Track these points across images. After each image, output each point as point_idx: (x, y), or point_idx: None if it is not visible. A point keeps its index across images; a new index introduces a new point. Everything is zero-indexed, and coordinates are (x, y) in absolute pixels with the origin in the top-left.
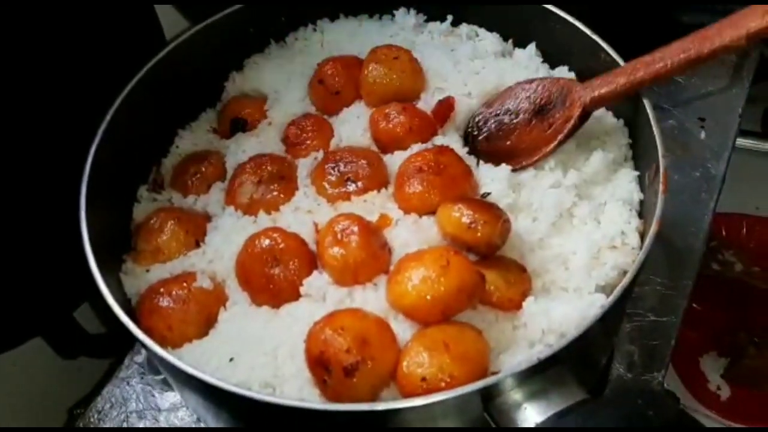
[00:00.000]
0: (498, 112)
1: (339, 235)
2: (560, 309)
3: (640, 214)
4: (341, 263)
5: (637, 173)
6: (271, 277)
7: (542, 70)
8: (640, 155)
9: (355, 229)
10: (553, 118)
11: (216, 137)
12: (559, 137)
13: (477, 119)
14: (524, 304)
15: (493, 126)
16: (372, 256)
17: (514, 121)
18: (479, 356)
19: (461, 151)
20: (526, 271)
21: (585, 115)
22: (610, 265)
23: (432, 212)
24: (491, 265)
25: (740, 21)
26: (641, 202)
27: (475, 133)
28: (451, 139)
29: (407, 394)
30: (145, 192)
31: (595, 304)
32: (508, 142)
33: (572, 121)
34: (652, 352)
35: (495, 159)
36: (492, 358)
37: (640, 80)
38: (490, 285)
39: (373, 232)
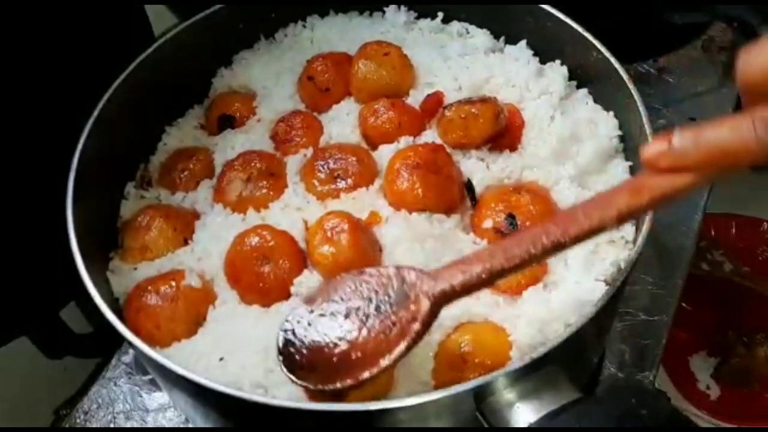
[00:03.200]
0: (322, 312)
1: (329, 234)
2: (560, 296)
3: None
4: (331, 262)
5: (629, 163)
6: (261, 275)
7: (533, 64)
8: (630, 156)
9: (345, 227)
10: (396, 317)
11: (204, 134)
12: (407, 341)
13: (292, 319)
14: (524, 293)
15: (315, 332)
16: (362, 255)
17: (343, 325)
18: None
19: None
20: None
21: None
22: (609, 261)
23: (423, 209)
24: None
25: (608, 201)
26: None
27: (291, 341)
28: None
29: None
30: (133, 189)
31: (596, 291)
32: (338, 349)
33: (419, 322)
34: (643, 351)
35: (315, 375)
36: None
37: (499, 269)
38: None
39: (363, 230)
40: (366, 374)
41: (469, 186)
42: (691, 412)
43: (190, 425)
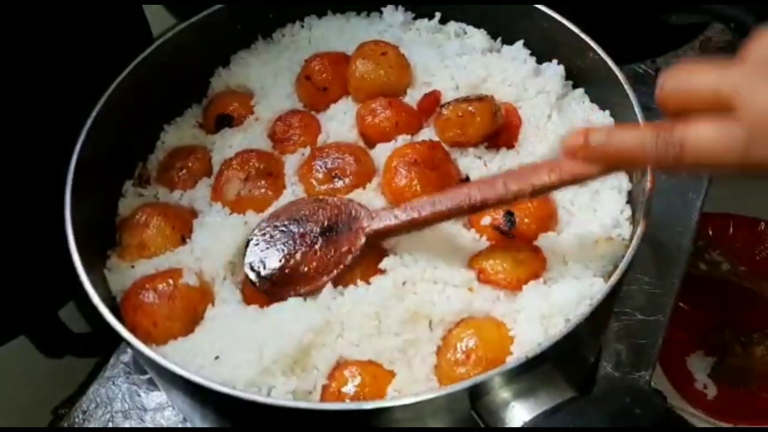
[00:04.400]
0: (283, 229)
1: None
2: (559, 291)
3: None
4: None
5: None
6: None
7: (530, 63)
8: None
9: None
10: (339, 243)
11: (202, 132)
12: (340, 267)
13: (258, 231)
14: (524, 288)
15: (278, 240)
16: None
17: (298, 240)
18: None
19: None
20: (540, 251)
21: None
22: (607, 258)
23: None
24: (503, 247)
25: (527, 175)
26: (629, 192)
27: (255, 243)
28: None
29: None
30: (131, 187)
31: (594, 287)
32: (292, 261)
33: (354, 252)
34: (640, 350)
35: (272, 284)
36: None
37: (422, 219)
38: (498, 266)
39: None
40: (306, 288)
41: (466, 182)
42: (688, 411)
43: (188, 424)
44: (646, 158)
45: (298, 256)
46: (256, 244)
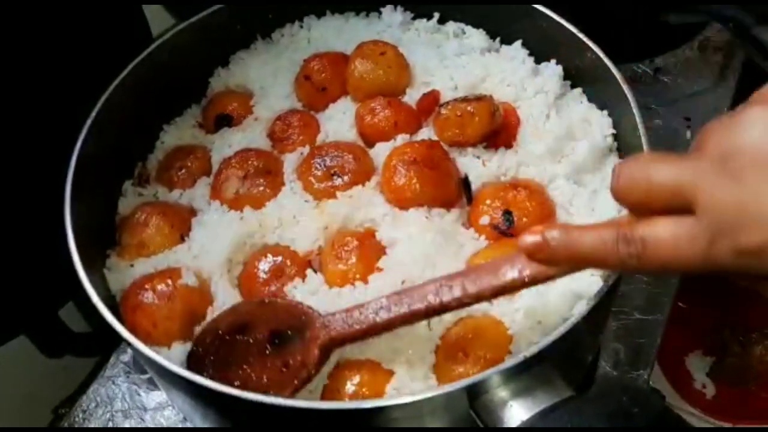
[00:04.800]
0: (230, 332)
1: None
2: (557, 290)
3: None
4: (341, 277)
5: None
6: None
7: (528, 63)
8: (624, 154)
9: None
10: (290, 354)
11: (201, 132)
12: (295, 383)
13: (201, 341)
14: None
15: (223, 350)
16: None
17: (245, 351)
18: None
19: None
20: None
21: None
22: None
23: (421, 204)
24: (501, 246)
25: (486, 274)
26: None
27: (197, 356)
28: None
29: None
30: (131, 186)
31: (592, 286)
32: (241, 372)
33: (308, 368)
34: (638, 350)
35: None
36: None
37: (380, 326)
38: None
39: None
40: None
41: (465, 182)
42: (687, 411)
43: (188, 424)
44: (608, 258)
45: (245, 367)
46: (199, 355)
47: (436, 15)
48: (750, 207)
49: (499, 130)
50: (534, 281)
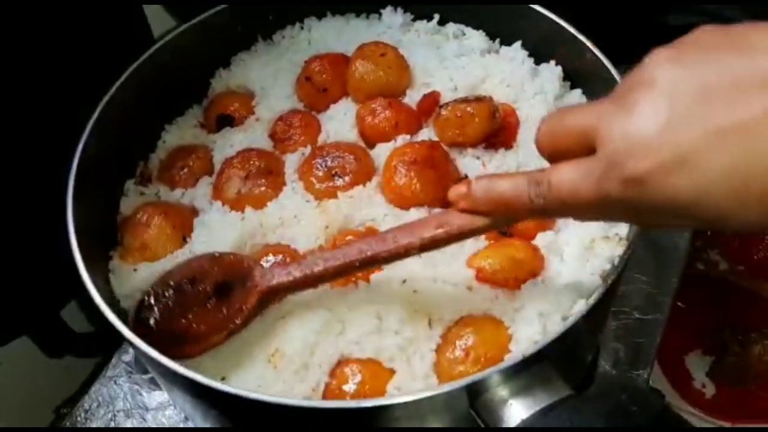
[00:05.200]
0: (180, 284)
1: None
2: (557, 290)
3: None
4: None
5: None
6: None
7: (528, 64)
8: None
9: None
10: (231, 301)
11: (203, 132)
12: (230, 326)
13: (153, 291)
14: (522, 287)
15: (171, 300)
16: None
17: (191, 300)
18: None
19: None
20: (538, 250)
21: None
22: (604, 257)
23: (421, 205)
24: (501, 246)
25: (416, 229)
26: None
27: (147, 304)
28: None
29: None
30: (133, 186)
31: (593, 285)
32: (183, 321)
33: (245, 311)
34: (638, 349)
35: (162, 343)
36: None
37: (316, 275)
38: (496, 265)
39: None
40: (196, 348)
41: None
42: (687, 410)
43: (190, 424)
44: (522, 202)
45: (189, 316)
46: (149, 303)
47: (436, 16)
48: (636, 135)
49: (498, 131)
50: (462, 233)
